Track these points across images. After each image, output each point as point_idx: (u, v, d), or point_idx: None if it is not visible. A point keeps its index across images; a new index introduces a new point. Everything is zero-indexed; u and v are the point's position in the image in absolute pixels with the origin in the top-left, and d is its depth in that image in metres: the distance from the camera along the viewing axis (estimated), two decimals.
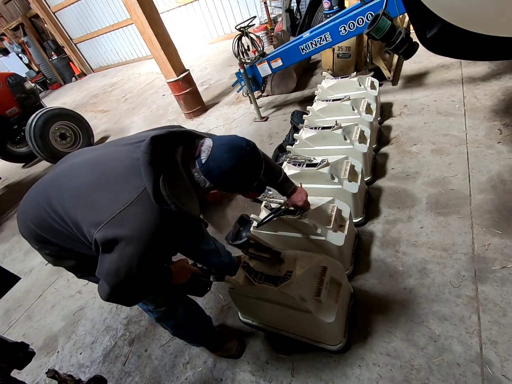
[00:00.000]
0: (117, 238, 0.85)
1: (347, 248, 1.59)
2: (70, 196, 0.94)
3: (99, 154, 1.04)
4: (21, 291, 2.50)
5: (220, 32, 7.47)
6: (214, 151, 0.91)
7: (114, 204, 0.87)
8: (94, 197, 0.91)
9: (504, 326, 1.23)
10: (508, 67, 2.54)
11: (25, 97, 4.21)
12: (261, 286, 1.25)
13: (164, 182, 0.85)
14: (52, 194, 0.98)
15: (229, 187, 0.95)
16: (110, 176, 0.93)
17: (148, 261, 0.90)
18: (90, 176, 0.96)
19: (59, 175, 1.04)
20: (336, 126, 1.96)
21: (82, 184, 0.95)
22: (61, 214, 0.94)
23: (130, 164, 0.92)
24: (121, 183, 0.91)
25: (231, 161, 0.89)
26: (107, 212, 0.87)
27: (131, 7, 3.42)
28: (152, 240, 0.87)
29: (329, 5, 3.26)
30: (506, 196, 1.66)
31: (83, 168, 1.00)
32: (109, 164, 0.97)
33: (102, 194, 0.90)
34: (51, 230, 0.99)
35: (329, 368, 1.33)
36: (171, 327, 1.32)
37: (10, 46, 10.90)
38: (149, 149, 0.88)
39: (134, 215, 0.86)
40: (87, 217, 0.90)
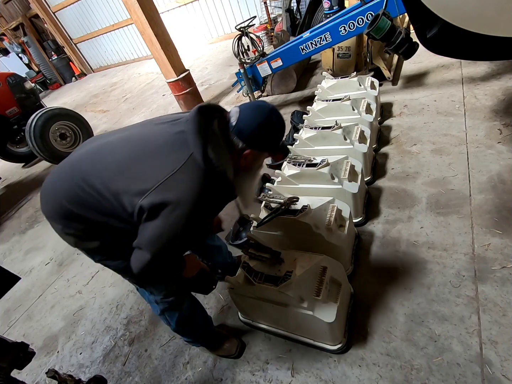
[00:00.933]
0: (165, 203, 0.88)
1: (347, 248, 1.59)
2: (111, 169, 0.96)
3: (133, 133, 1.07)
4: (21, 291, 2.50)
5: (220, 32, 7.47)
6: (242, 113, 0.99)
7: (159, 172, 0.91)
8: (137, 168, 0.94)
9: (504, 326, 1.23)
10: (508, 67, 2.54)
11: (25, 97, 4.22)
12: (261, 286, 1.25)
13: (211, 146, 0.93)
14: (88, 170, 0.99)
15: (259, 144, 1.01)
16: (152, 149, 0.96)
17: (191, 226, 0.95)
18: (130, 150, 0.99)
19: (92, 153, 1.04)
20: (336, 126, 1.96)
21: (122, 158, 0.97)
22: (98, 188, 0.95)
23: (171, 138, 0.97)
24: (164, 154, 0.94)
25: (258, 119, 0.98)
26: (153, 180, 0.90)
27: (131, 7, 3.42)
28: (197, 205, 0.92)
29: (329, 5, 3.26)
30: (506, 196, 1.66)
31: (119, 145, 1.02)
32: (148, 139, 1.00)
33: (146, 165, 0.94)
34: (85, 204, 0.98)
35: (329, 368, 1.33)
36: (175, 321, 1.32)
37: (10, 46, 10.90)
38: (197, 117, 0.95)
39: (181, 181, 0.90)
40: (131, 187, 0.92)
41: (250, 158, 1.03)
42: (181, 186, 0.90)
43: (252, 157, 1.03)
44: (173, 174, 0.90)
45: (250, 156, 1.02)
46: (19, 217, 3.67)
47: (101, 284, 2.24)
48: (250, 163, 1.05)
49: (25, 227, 3.39)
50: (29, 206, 3.82)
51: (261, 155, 1.07)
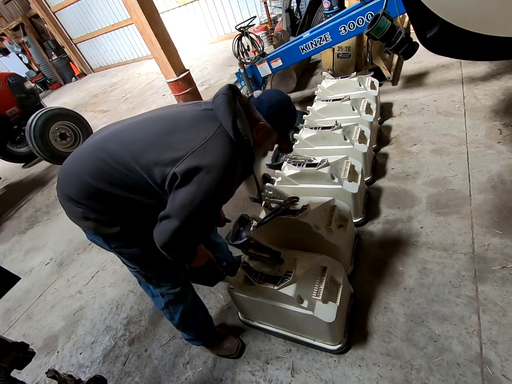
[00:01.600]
0: (199, 167, 0.92)
1: (347, 248, 1.59)
2: (140, 144, 0.98)
3: (156, 114, 1.10)
4: (21, 291, 2.50)
5: (220, 32, 7.47)
6: (266, 91, 1.15)
7: (192, 142, 0.96)
8: (168, 140, 0.97)
9: (504, 326, 1.23)
10: (508, 67, 2.54)
11: (25, 97, 4.22)
12: (261, 286, 1.25)
13: (239, 119, 1.00)
14: (114, 147, 1.00)
15: (273, 118, 1.10)
16: (181, 123, 1.01)
17: (221, 194, 1.00)
18: (159, 126, 1.02)
19: (116, 133, 1.05)
20: (336, 126, 1.96)
21: (153, 132, 1.00)
22: (126, 163, 0.96)
23: (198, 114, 1.04)
24: (195, 127, 1.00)
25: (279, 96, 1.11)
26: (186, 148, 0.94)
27: (131, 7, 3.42)
28: (228, 171, 0.97)
29: (329, 5, 3.25)
30: (506, 196, 1.66)
31: (146, 123, 1.05)
32: (176, 116, 1.05)
33: (177, 137, 0.98)
34: (110, 180, 0.98)
35: (329, 368, 1.33)
36: (179, 315, 1.33)
37: (10, 46, 10.90)
38: (228, 92, 1.04)
39: (213, 148, 0.96)
40: (163, 158, 0.94)
41: (262, 132, 1.11)
42: (214, 152, 0.95)
43: (264, 131, 1.11)
44: (205, 142, 0.95)
45: (262, 130, 1.10)
46: (19, 217, 3.67)
47: (101, 284, 2.24)
48: (262, 138, 1.13)
49: (25, 227, 3.39)
50: (29, 206, 3.82)
51: (271, 133, 1.14)
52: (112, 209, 1.03)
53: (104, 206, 1.02)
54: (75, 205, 1.03)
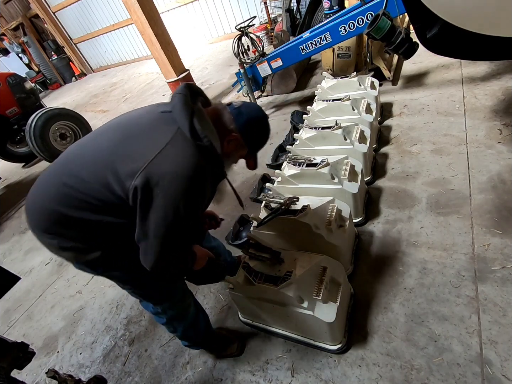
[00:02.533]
0: (159, 177, 0.85)
1: (347, 248, 1.59)
2: (98, 160, 0.91)
3: (115, 122, 1.03)
4: (21, 291, 2.50)
5: (220, 32, 7.47)
6: (246, 103, 1.07)
7: (148, 150, 0.88)
8: (123, 151, 0.90)
9: (504, 326, 1.23)
10: (508, 67, 2.54)
11: (25, 97, 4.21)
12: (261, 286, 1.25)
13: (197, 119, 0.92)
14: (72, 169, 0.94)
15: (248, 133, 1.04)
16: (136, 130, 0.94)
17: (194, 198, 0.92)
18: (115, 137, 0.95)
19: (72, 154, 1.00)
20: (336, 126, 1.96)
21: (108, 146, 0.93)
22: (87, 182, 0.90)
23: (156, 117, 0.97)
24: (151, 132, 0.93)
25: (260, 113, 1.08)
26: (143, 158, 0.87)
27: (131, 7, 3.42)
28: (194, 175, 0.89)
29: (329, 5, 3.26)
30: (506, 196, 1.66)
31: (99, 137, 0.99)
32: (132, 123, 0.98)
33: (134, 145, 0.91)
34: (77, 205, 0.92)
35: (329, 368, 1.33)
36: (182, 328, 1.32)
37: (10, 46, 10.90)
38: (184, 91, 0.97)
39: (172, 154, 0.88)
40: (122, 171, 0.87)
41: (233, 145, 1.04)
42: (173, 158, 0.88)
43: (235, 144, 1.04)
44: (163, 149, 0.87)
45: (234, 142, 1.04)
46: (19, 217, 3.67)
47: (101, 284, 2.24)
48: (231, 150, 1.06)
49: (25, 227, 3.39)
50: None
51: (241, 148, 1.07)
52: (86, 234, 0.96)
53: (77, 233, 0.96)
54: (50, 237, 0.97)
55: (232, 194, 1.21)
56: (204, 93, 1.09)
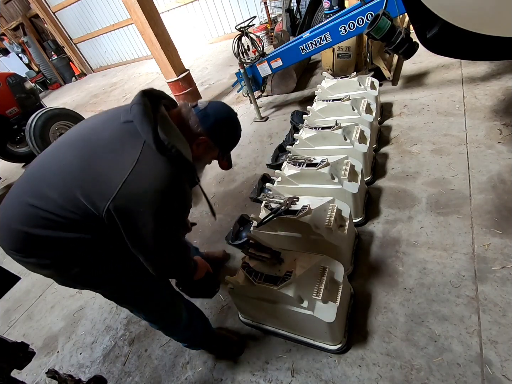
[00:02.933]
0: (137, 197, 0.84)
1: (347, 248, 1.59)
2: (63, 177, 0.87)
3: (75, 134, 0.97)
4: (21, 291, 2.50)
5: (220, 32, 7.47)
6: (212, 103, 1.03)
7: (120, 170, 0.84)
8: (95, 171, 0.86)
9: (504, 326, 1.23)
10: (508, 67, 2.54)
11: (25, 97, 4.21)
12: (261, 286, 1.25)
13: (161, 129, 0.87)
14: (40, 186, 0.89)
15: (217, 135, 1.02)
16: (101, 146, 0.89)
17: (177, 209, 0.92)
18: (81, 152, 0.89)
19: (38, 168, 0.95)
20: (336, 126, 1.96)
21: (75, 162, 0.88)
22: (55, 201, 0.86)
23: (118, 131, 0.91)
24: (119, 148, 0.88)
25: (227, 113, 1.05)
26: (116, 179, 0.83)
27: (131, 7, 3.42)
28: (172, 188, 0.88)
29: (329, 5, 3.26)
30: (506, 196, 1.66)
31: (67, 149, 0.93)
32: (95, 136, 0.92)
33: (104, 165, 0.86)
34: (42, 223, 0.88)
35: (329, 368, 1.33)
36: (177, 331, 1.32)
37: (10, 46, 10.90)
38: (142, 100, 0.91)
39: (145, 171, 0.85)
40: (94, 193, 0.85)
41: (203, 147, 1.03)
42: (147, 176, 0.85)
43: (205, 147, 1.03)
44: (134, 168, 0.84)
45: (204, 145, 1.02)
46: None
47: None
48: (201, 153, 1.04)
49: None
50: None
51: (212, 150, 1.06)
52: (58, 252, 0.92)
53: (48, 251, 0.92)
54: (24, 256, 0.93)
55: (231, 195, 1.22)
56: (166, 94, 1.05)
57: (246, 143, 3.08)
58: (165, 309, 1.22)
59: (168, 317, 1.25)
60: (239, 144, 1.16)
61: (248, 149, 2.98)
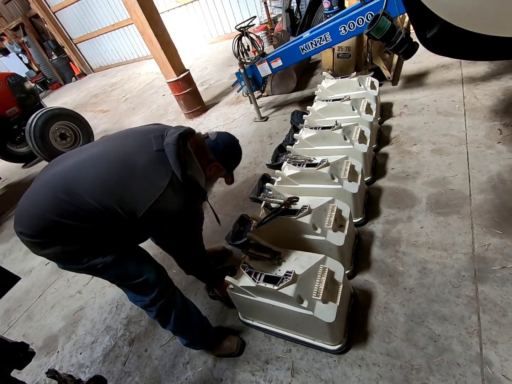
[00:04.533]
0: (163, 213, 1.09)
1: (347, 248, 1.59)
2: (104, 187, 1.05)
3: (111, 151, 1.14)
4: (21, 291, 2.50)
5: (220, 32, 7.47)
6: (220, 134, 1.34)
7: (152, 191, 1.06)
8: (132, 189, 1.06)
9: (504, 326, 1.23)
10: (508, 67, 2.54)
11: (25, 97, 4.21)
12: (261, 286, 1.25)
13: (189, 166, 1.14)
14: (74, 186, 1.04)
15: (225, 159, 1.33)
16: (138, 169, 1.08)
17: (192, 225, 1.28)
18: (117, 168, 1.07)
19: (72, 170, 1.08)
20: (336, 126, 1.96)
21: (113, 179, 1.06)
22: (89, 202, 1.02)
23: (151, 158, 1.10)
24: (151, 173, 1.09)
25: (233, 141, 1.38)
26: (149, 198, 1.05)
27: (131, 7, 3.42)
28: (189, 210, 1.17)
29: (329, 5, 3.26)
30: (506, 196, 1.66)
31: (103, 159, 1.10)
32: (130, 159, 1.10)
33: (140, 186, 1.07)
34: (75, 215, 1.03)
35: (329, 368, 1.33)
36: (173, 317, 1.32)
37: (10, 46, 10.90)
38: (178, 142, 1.12)
39: (172, 195, 1.09)
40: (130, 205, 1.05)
41: (214, 170, 1.31)
42: (173, 199, 1.10)
43: (216, 169, 1.32)
44: (163, 191, 1.06)
45: (215, 168, 1.31)
46: None
47: (101, 284, 2.24)
48: (213, 174, 1.34)
49: None
50: None
51: (221, 171, 1.35)
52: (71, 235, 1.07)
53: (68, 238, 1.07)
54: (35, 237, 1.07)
55: (231, 195, 1.33)
56: (192, 129, 1.25)
57: (246, 143, 3.08)
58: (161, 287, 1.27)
59: (164, 297, 1.27)
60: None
61: (248, 149, 2.98)
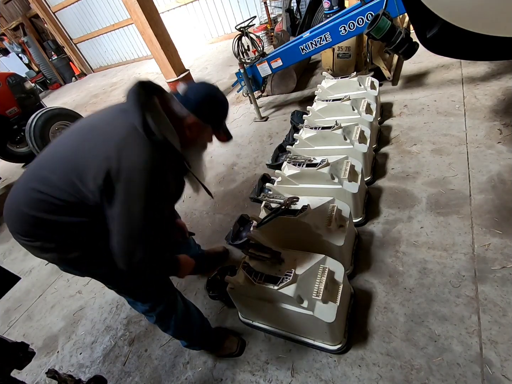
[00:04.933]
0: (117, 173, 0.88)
1: (346, 248, 1.59)
2: (63, 161, 0.95)
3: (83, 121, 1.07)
4: (21, 291, 2.50)
5: (220, 32, 7.46)
6: (190, 85, 1.07)
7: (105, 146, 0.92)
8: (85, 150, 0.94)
9: (504, 326, 1.23)
10: (508, 67, 2.54)
11: (25, 97, 4.21)
12: (261, 286, 1.25)
13: (150, 116, 0.93)
14: (43, 172, 0.97)
15: (204, 112, 1.05)
16: (98, 128, 0.98)
17: (155, 193, 0.94)
18: (78, 136, 0.99)
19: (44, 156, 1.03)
20: (336, 126, 1.96)
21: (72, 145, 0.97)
22: (55, 185, 0.93)
23: (115, 113, 1.00)
24: (108, 128, 0.96)
25: (205, 90, 1.06)
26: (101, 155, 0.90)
27: (131, 7, 3.42)
28: (150, 171, 0.91)
29: (329, 5, 3.26)
30: (506, 196, 1.66)
31: (69, 136, 1.02)
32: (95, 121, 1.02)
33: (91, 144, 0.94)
34: (46, 207, 0.95)
35: (329, 368, 1.33)
36: (173, 323, 1.31)
37: (10, 46, 10.89)
38: (137, 89, 0.98)
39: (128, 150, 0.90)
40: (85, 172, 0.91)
41: (195, 129, 1.07)
42: (129, 155, 0.90)
43: (197, 128, 1.07)
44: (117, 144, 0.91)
45: (195, 126, 1.06)
46: None
47: (101, 284, 2.21)
48: (196, 134, 1.09)
49: None
50: None
51: (205, 128, 1.10)
52: (62, 235, 0.99)
53: (52, 234, 0.98)
54: (30, 240, 1.00)
55: (231, 195, 1.23)
56: (160, 86, 1.09)
57: (246, 143, 3.08)
58: (161, 295, 1.24)
59: (164, 304, 1.25)
60: (239, 144, 1.18)
61: (248, 149, 2.98)
